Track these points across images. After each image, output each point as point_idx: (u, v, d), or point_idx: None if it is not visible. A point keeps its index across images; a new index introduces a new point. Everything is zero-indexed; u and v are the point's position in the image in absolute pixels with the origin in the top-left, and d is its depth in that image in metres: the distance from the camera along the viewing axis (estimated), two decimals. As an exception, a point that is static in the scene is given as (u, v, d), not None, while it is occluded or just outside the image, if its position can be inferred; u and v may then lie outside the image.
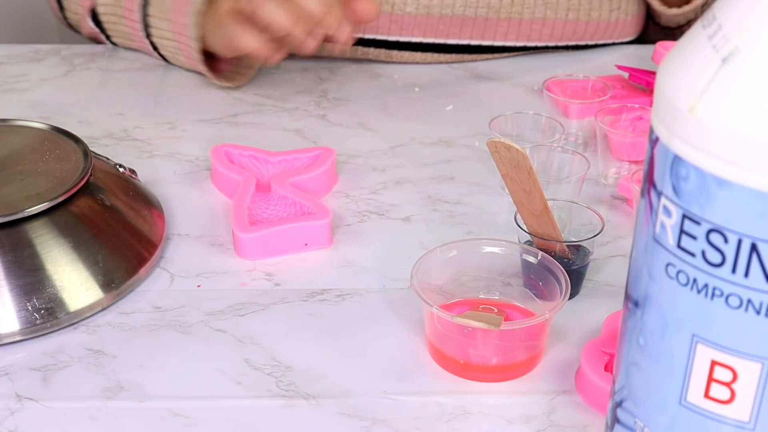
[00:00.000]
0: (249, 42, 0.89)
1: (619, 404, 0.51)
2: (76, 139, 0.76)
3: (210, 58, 0.99)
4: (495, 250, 0.69)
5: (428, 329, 0.65)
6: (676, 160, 0.43)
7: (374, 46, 1.05)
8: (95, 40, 1.11)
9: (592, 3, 1.06)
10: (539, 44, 1.08)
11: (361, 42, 1.05)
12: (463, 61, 1.07)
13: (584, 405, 0.62)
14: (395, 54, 1.06)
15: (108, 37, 1.08)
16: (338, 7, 0.87)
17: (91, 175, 0.73)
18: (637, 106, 0.90)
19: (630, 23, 1.10)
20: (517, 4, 1.04)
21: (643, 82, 0.97)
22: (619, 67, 1.00)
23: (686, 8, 1.06)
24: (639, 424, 0.50)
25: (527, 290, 0.69)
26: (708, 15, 0.42)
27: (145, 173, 0.83)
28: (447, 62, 1.07)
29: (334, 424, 0.61)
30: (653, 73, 0.96)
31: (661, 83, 0.44)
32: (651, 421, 0.49)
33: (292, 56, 1.07)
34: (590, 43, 1.10)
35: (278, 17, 0.86)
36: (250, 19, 0.88)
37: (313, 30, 0.87)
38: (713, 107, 0.41)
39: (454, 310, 0.66)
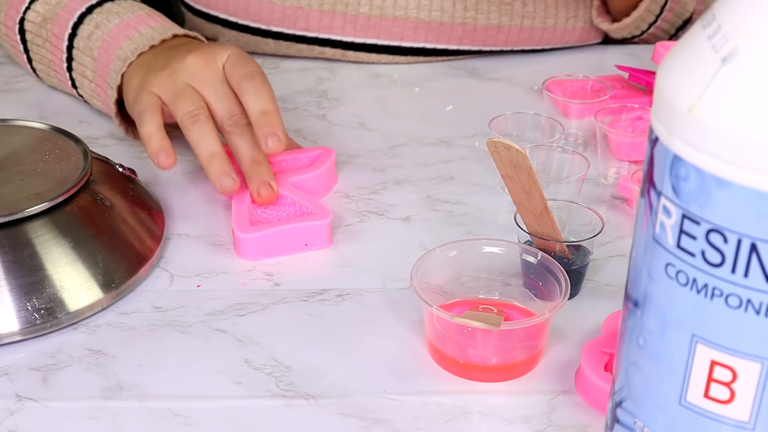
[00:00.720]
0: (148, 129, 0.77)
1: (618, 404, 0.51)
2: (76, 139, 0.76)
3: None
4: (495, 250, 0.69)
5: (428, 329, 0.65)
6: (676, 160, 0.43)
7: (330, 45, 1.05)
8: (16, 60, 1.01)
9: (547, 11, 1.05)
10: (495, 48, 1.07)
11: (317, 41, 1.05)
12: (417, 62, 1.07)
13: (584, 405, 0.62)
14: (351, 54, 1.05)
15: (29, 60, 0.97)
16: (265, 164, 0.78)
17: (91, 175, 0.73)
18: (637, 106, 0.90)
19: (588, 30, 1.09)
20: (471, 9, 1.03)
21: (642, 82, 0.97)
22: (619, 67, 1.00)
23: (619, 24, 1.06)
24: (639, 424, 0.50)
25: (527, 290, 0.69)
26: (708, 15, 0.42)
27: (145, 173, 0.83)
28: (402, 63, 1.06)
29: (334, 424, 0.61)
30: (653, 73, 0.96)
31: (660, 83, 0.44)
32: (651, 421, 0.49)
33: (291, 57, 1.08)
34: (547, 47, 1.09)
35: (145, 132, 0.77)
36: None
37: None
38: (713, 107, 0.41)
39: (454, 310, 0.66)
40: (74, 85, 0.93)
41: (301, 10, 1.03)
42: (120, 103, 0.87)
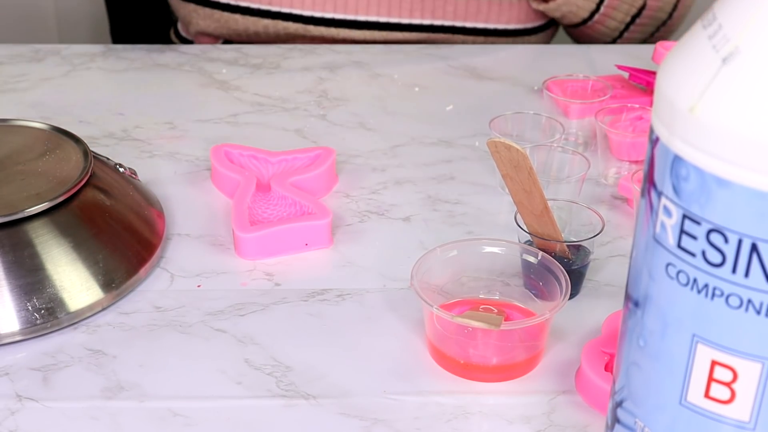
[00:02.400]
0: None
1: (619, 404, 0.51)
2: (76, 139, 0.76)
3: None
4: (495, 250, 0.69)
5: (428, 329, 0.65)
6: (677, 160, 0.43)
7: (292, 20, 1.09)
8: None
9: None
10: (445, 23, 1.11)
11: (280, 16, 1.09)
12: (375, 40, 1.11)
13: (584, 405, 0.62)
14: (312, 29, 1.10)
15: None
16: None
17: (91, 175, 0.73)
18: (637, 106, 0.90)
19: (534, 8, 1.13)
20: None
21: (643, 82, 0.97)
22: (619, 67, 1.00)
23: (546, 6, 1.09)
24: (639, 424, 0.50)
25: (527, 290, 0.69)
26: (708, 15, 0.42)
27: (145, 173, 0.83)
28: (361, 40, 1.11)
29: (334, 424, 0.61)
30: (653, 73, 0.96)
31: (661, 83, 0.44)
32: (651, 421, 0.49)
33: (291, 57, 1.08)
34: (499, 27, 1.12)
35: None
36: None
37: None
38: (713, 107, 0.41)
39: (454, 310, 0.66)
40: None
41: None
42: None
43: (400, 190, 0.85)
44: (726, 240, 0.42)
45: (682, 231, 0.43)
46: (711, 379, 0.45)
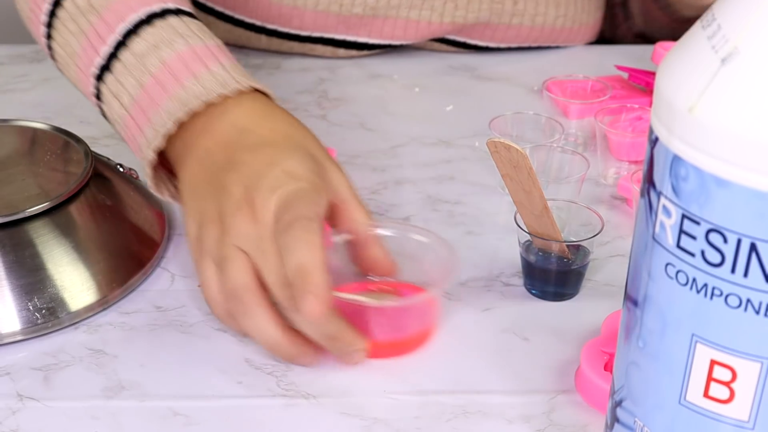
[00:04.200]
0: (265, 331, 0.63)
1: (618, 404, 0.51)
2: (77, 139, 0.76)
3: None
4: (386, 232, 0.69)
5: None
6: (676, 160, 0.43)
7: (322, 43, 1.06)
8: (29, 24, 0.83)
9: (537, 8, 1.05)
10: (480, 43, 1.08)
11: (309, 39, 1.06)
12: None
13: (584, 404, 0.62)
14: (341, 52, 1.07)
15: (48, 36, 0.78)
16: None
17: (91, 176, 0.73)
18: (637, 106, 0.90)
19: (576, 31, 1.10)
20: (462, 8, 1.03)
21: (642, 83, 0.97)
22: (619, 68, 1.00)
23: None
24: (638, 424, 0.50)
25: (420, 272, 0.68)
26: (707, 15, 0.43)
27: (146, 173, 0.83)
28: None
29: (334, 424, 0.61)
30: (653, 74, 0.96)
31: (660, 83, 0.44)
32: (650, 420, 0.49)
33: (291, 58, 1.08)
34: (534, 45, 1.10)
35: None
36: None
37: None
38: (713, 107, 0.41)
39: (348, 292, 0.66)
40: (98, 97, 0.74)
41: (297, 10, 1.03)
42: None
43: (399, 190, 0.85)
44: (725, 240, 0.42)
45: (681, 231, 0.44)
46: (710, 378, 0.45)
